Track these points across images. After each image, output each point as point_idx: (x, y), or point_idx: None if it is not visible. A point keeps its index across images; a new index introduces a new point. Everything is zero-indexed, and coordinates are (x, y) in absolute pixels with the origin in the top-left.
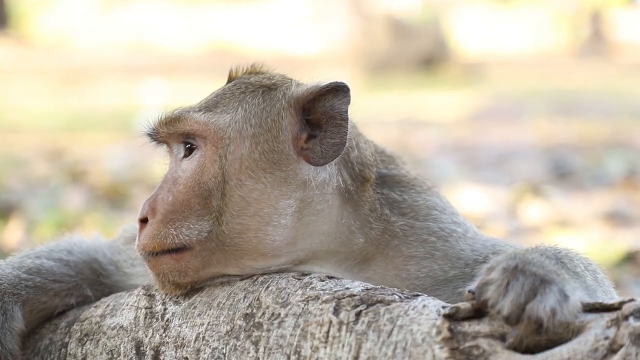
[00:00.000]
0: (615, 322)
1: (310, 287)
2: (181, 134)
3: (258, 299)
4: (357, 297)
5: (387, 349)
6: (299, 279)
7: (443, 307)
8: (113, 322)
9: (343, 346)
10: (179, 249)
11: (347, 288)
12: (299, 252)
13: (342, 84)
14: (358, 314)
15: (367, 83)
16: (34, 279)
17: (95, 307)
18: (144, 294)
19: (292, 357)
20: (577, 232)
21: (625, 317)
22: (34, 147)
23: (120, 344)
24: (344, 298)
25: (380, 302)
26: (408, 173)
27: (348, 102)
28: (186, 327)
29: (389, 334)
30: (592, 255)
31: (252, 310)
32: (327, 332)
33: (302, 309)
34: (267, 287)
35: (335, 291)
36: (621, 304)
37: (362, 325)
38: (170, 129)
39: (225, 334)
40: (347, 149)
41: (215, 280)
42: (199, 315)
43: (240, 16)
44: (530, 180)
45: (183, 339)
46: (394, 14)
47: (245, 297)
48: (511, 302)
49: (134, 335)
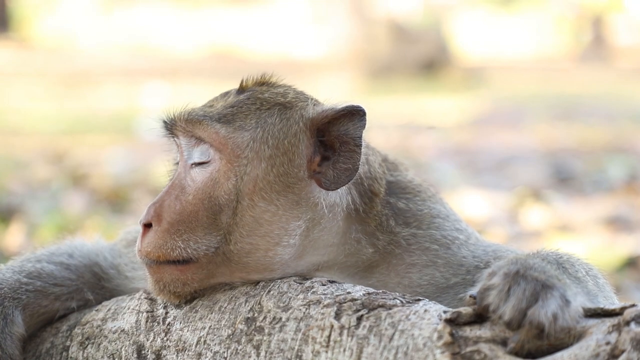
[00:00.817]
0: (617, 328)
1: (311, 291)
2: (197, 137)
3: (259, 303)
4: (359, 302)
5: (389, 353)
6: (300, 283)
7: (444, 312)
8: (114, 326)
9: (344, 350)
10: (184, 261)
11: (348, 292)
12: (305, 265)
13: (359, 108)
14: (359, 319)
15: (368, 87)
16: (34, 283)
17: (96, 310)
18: (145, 298)
19: None
20: (578, 237)
21: (627, 323)
22: (35, 150)
23: (121, 348)
24: (345, 302)
25: (382, 306)
26: (413, 179)
27: (363, 126)
28: (187, 330)
29: (391, 339)
30: (593, 260)
31: (254, 314)
32: (329, 337)
33: (304, 313)
34: (269, 291)
35: (337, 295)
36: (622, 309)
37: (364, 329)
38: (188, 128)
39: (226, 338)
40: None
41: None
42: (200, 319)
43: (242, 19)
44: (531, 185)
45: (184, 342)
46: (395, 18)
47: (246, 301)
48: (512, 307)
49: (135, 339)
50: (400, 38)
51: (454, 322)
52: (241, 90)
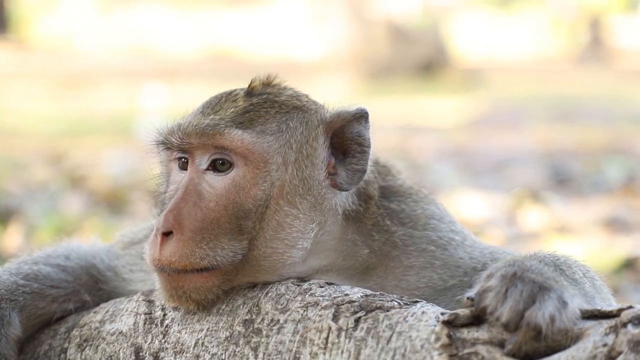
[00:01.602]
0: (614, 329)
1: (309, 293)
2: (217, 147)
3: (257, 305)
4: (357, 304)
5: (386, 355)
6: (298, 285)
7: (442, 314)
8: (112, 328)
9: (342, 352)
10: (207, 268)
11: (346, 294)
12: (307, 269)
13: (366, 110)
14: (357, 320)
15: (366, 88)
16: (31, 285)
17: (94, 312)
18: (143, 300)
19: None
20: (576, 239)
21: (624, 324)
22: (33, 152)
23: (119, 350)
24: (343, 304)
25: (380, 308)
26: (404, 183)
27: (369, 127)
28: (185, 332)
29: (388, 340)
30: (590, 261)
31: (252, 316)
32: (326, 339)
33: (302, 315)
34: (267, 293)
35: (335, 297)
36: (620, 310)
37: (361, 331)
38: (205, 141)
39: (224, 340)
40: None
41: None
42: (198, 321)
43: (241, 21)
44: (529, 187)
45: (182, 344)
46: (393, 19)
47: (244, 303)
48: (510, 309)
49: (133, 341)
50: (399, 39)
51: (451, 323)
52: (250, 92)
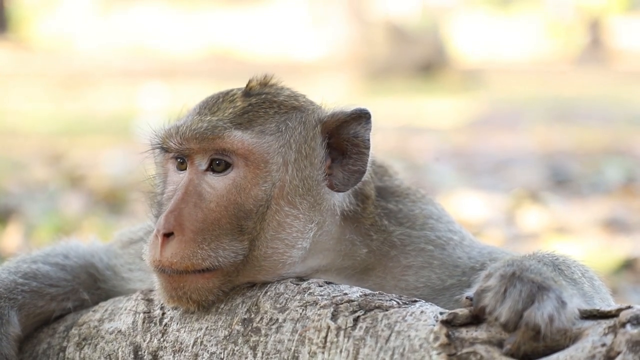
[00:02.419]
0: (613, 329)
1: (308, 292)
2: (217, 150)
3: (256, 304)
4: (355, 303)
5: (385, 354)
6: (297, 284)
7: (441, 313)
8: (111, 327)
9: (341, 352)
10: (208, 269)
11: (345, 294)
12: (306, 269)
13: (366, 111)
14: (356, 320)
15: (366, 89)
16: (30, 283)
17: (93, 311)
18: (142, 299)
19: None
20: (575, 239)
21: (623, 324)
22: (32, 151)
23: (118, 349)
24: (342, 303)
25: (378, 307)
26: (402, 183)
27: (370, 129)
28: (184, 331)
29: (387, 340)
30: (589, 262)
31: (251, 315)
32: (325, 338)
33: (300, 314)
34: (266, 292)
35: (334, 297)
36: (618, 310)
37: (360, 330)
38: (205, 146)
39: (223, 339)
40: None
41: None
42: (197, 320)
43: (240, 21)
44: (528, 187)
45: (181, 343)
46: (393, 20)
47: (243, 302)
48: (509, 308)
49: (132, 340)
50: (398, 40)
51: (450, 323)
52: (248, 92)
